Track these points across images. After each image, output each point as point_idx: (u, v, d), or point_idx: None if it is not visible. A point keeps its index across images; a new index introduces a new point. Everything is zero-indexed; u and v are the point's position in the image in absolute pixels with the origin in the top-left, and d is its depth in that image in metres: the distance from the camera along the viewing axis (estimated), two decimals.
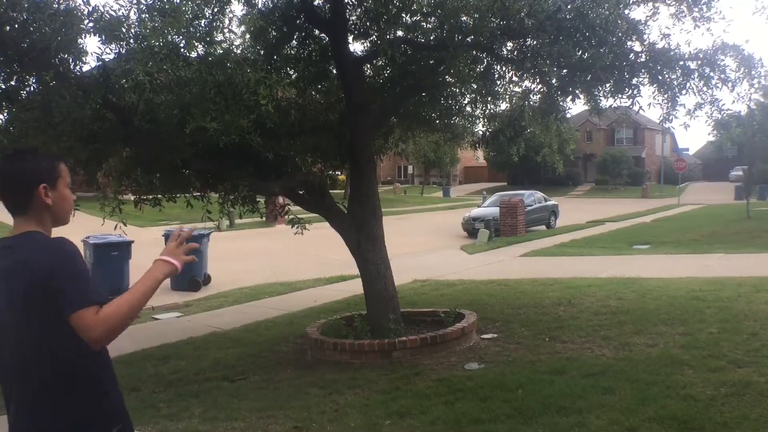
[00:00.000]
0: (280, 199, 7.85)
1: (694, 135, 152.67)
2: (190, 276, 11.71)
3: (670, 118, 6.20)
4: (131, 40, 4.83)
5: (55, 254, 1.95)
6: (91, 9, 4.79)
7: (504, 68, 7.15)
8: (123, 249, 10.91)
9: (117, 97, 5.17)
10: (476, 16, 6.00)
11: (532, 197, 23.21)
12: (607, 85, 6.30)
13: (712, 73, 6.00)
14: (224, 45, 5.40)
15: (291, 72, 6.95)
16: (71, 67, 4.99)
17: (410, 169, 63.28)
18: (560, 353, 5.91)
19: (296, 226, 6.96)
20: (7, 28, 4.69)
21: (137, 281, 2.01)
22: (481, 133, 9.30)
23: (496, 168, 56.91)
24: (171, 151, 5.41)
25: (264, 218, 8.06)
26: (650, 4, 6.25)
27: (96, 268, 10.71)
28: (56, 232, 2.13)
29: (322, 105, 7.21)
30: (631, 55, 6.10)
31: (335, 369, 5.92)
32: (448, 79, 6.98)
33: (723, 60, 5.99)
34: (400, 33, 6.80)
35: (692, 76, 6.04)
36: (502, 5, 5.76)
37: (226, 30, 5.43)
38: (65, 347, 1.95)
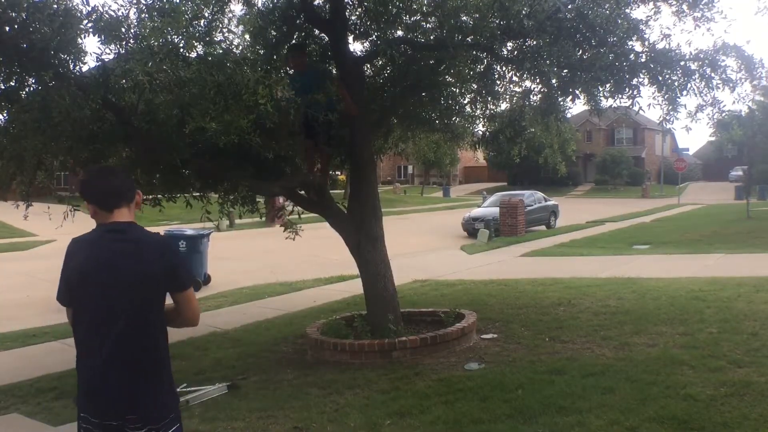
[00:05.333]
0: (280, 200, 7.84)
1: (694, 135, 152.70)
2: None
3: (670, 119, 6.19)
4: (131, 40, 4.84)
5: (168, 239, 2.55)
6: (90, 9, 4.80)
7: (504, 68, 7.15)
8: None
9: (117, 97, 5.17)
10: (476, 16, 6.00)
11: (532, 197, 23.21)
12: (607, 85, 6.30)
13: (713, 74, 5.99)
14: (224, 45, 5.40)
15: (290, 71, 6.94)
16: (71, 67, 4.99)
17: (410, 169, 63.26)
18: (560, 353, 5.90)
19: (289, 230, 6.87)
20: (7, 28, 4.68)
21: None
22: (481, 133, 9.30)
23: (496, 168, 56.89)
24: (171, 151, 5.41)
25: (263, 218, 8.05)
26: (651, 3, 6.25)
27: None
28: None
29: (322, 105, 7.20)
30: (632, 55, 6.09)
31: (335, 369, 5.92)
32: (448, 79, 6.99)
33: (724, 60, 5.98)
34: (400, 33, 6.80)
35: (693, 77, 6.03)
36: (502, 5, 5.76)
37: (225, 30, 5.44)
38: (161, 324, 2.47)
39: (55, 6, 4.66)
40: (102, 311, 2.34)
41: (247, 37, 6.88)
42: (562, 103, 7.34)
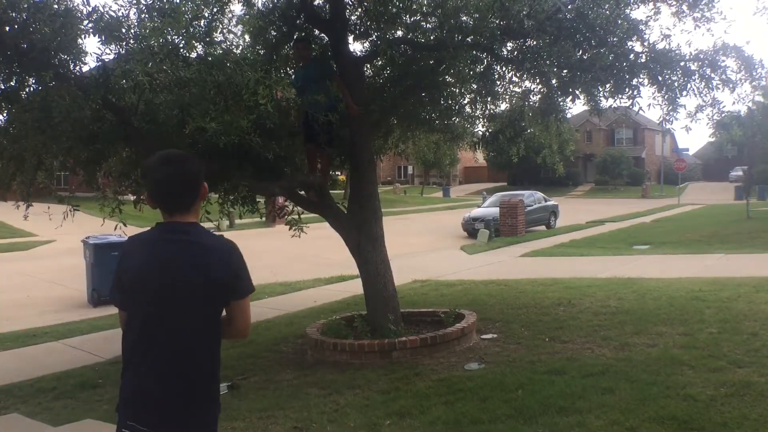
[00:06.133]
0: (280, 200, 7.85)
1: (694, 135, 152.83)
2: None
3: (670, 119, 6.20)
4: (131, 41, 4.84)
5: (233, 244, 2.31)
6: (90, 9, 4.80)
7: (504, 68, 7.15)
8: None
9: (117, 97, 5.17)
10: (476, 16, 6.00)
11: (532, 197, 23.21)
12: (607, 85, 6.31)
13: (713, 74, 6.00)
14: (224, 45, 5.40)
15: (291, 72, 6.95)
16: (71, 67, 4.99)
17: (410, 169, 63.26)
18: (560, 353, 5.90)
19: (294, 228, 6.95)
20: (7, 28, 4.69)
21: None
22: (481, 133, 9.31)
23: (496, 168, 56.90)
24: None
25: (263, 218, 8.07)
26: (651, 3, 6.25)
27: (96, 268, 10.70)
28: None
29: (322, 105, 7.21)
30: (632, 55, 6.10)
31: (335, 369, 5.92)
32: (448, 79, 6.98)
33: (724, 61, 5.99)
34: (399, 33, 6.80)
35: (693, 77, 6.04)
36: (502, 5, 5.76)
37: (225, 30, 5.44)
38: (217, 334, 2.28)
39: (56, 6, 4.67)
40: (157, 318, 2.18)
41: (247, 37, 6.88)
42: (561, 103, 7.35)
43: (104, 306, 10.45)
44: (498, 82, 7.40)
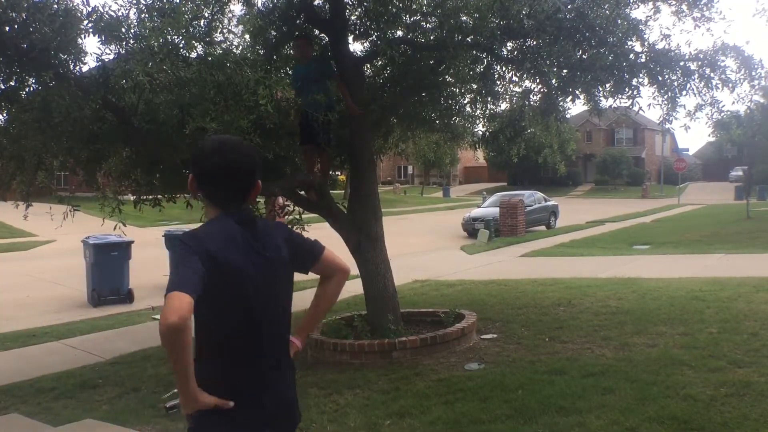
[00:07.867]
0: (280, 200, 7.85)
1: (694, 135, 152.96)
2: None
3: (670, 119, 6.20)
4: (131, 40, 4.84)
5: (284, 226, 2.36)
6: (90, 9, 4.81)
7: (504, 68, 7.15)
8: (123, 249, 10.91)
9: (117, 97, 5.17)
10: (476, 16, 6.00)
11: (532, 197, 23.20)
12: (607, 85, 6.31)
13: (712, 74, 6.01)
14: (224, 45, 5.40)
15: (290, 71, 6.95)
16: (71, 67, 4.99)
17: (410, 169, 63.26)
18: (560, 353, 5.90)
19: (295, 227, 6.94)
20: (7, 28, 4.69)
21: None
22: (481, 133, 9.31)
23: (496, 168, 56.91)
24: (171, 151, 5.41)
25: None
26: (651, 3, 6.26)
27: (95, 268, 10.71)
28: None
29: (322, 105, 7.21)
30: (631, 55, 6.10)
31: (335, 369, 5.92)
32: (448, 79, 6.98)
33: (723, 61, 5.99)
34: (399, 33, 6.80)
35: (692, 77, 6.04)
36: (502, 5, 5.76)
37: (225, 30, 5.44)
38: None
39: (56, 6, 4.67)
40: (263, 313, 2.07)
41: (247, 37, 6.88)
42: (562, 103, 7.35)
43: (104, 306, 10.46)
44: (498, 82, 7.40)
